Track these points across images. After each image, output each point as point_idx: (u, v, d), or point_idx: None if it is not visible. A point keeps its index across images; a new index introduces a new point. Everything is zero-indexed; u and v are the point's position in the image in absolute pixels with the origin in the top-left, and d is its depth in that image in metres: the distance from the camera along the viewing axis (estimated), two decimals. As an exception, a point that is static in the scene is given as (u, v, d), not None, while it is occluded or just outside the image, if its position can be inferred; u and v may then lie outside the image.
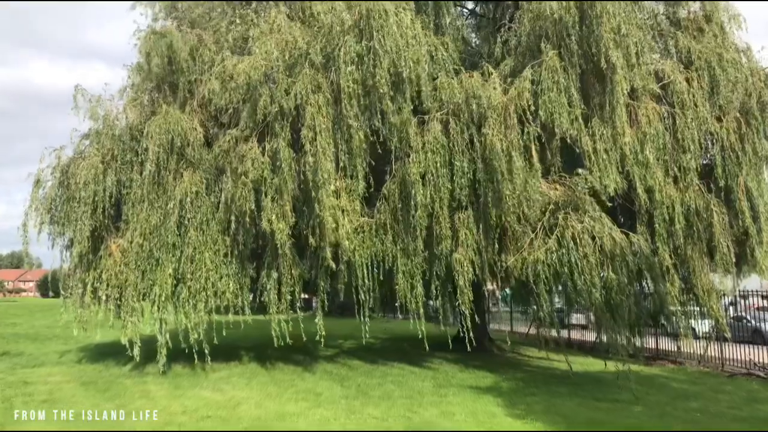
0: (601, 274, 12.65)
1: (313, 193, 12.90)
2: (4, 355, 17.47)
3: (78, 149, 15.25)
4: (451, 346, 14.26)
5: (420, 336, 13.54)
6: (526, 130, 13.07)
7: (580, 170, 13.28)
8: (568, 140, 12.97)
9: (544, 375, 14.93)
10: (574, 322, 26.16)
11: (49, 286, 62.20)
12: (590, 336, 22.32)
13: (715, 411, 11.11)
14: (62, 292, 15.59)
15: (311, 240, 13.31)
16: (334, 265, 13.31)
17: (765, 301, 18.16)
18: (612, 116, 13.35)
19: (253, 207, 13.48)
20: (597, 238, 12.72)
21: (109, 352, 17.31)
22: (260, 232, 14.31)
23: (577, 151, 13.58)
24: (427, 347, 13.77)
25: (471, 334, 13.30)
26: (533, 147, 13.06)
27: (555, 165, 13.64)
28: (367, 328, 13.69)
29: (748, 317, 19.24)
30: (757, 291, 16.81)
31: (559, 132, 12.77)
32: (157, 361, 14.04)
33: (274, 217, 13.17)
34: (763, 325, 18.15)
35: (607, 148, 13.33)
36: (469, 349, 13.32)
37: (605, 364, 12.50)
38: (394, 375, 14.59)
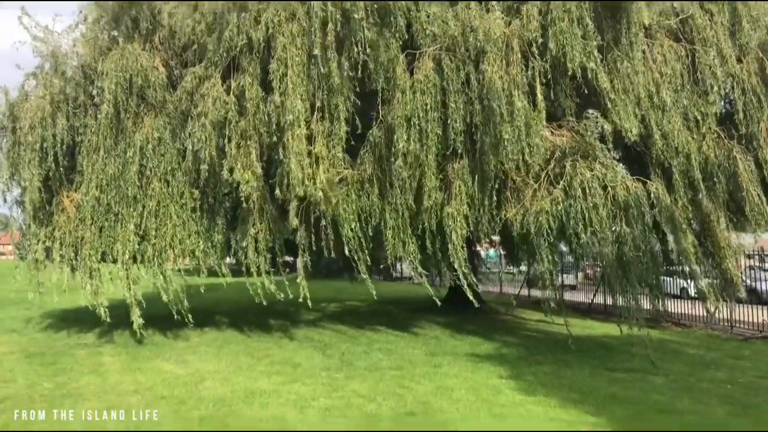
0: (613, 228, 10.78)
1: (275, 137, 10.88)
2: (-49, 322, 15.39)
3: (23, 89, 12.92)
4: (441, 308, 12.47)
5: (412, 296, 11.69)
6: (531, 65, 11.04)
7: (590, 111, 11.26)
8: (580, 78, 10.94)
9: (545, 340, 13.15)
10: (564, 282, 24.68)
11: (25, 248, 59.18)
12: (580, 297, 20.59)
13: (744, 381, 9.36)
14: (15, 251, 13.49)
15: (277, 192, 11.27)
16: (296, 223, 11.34)
17: (751, 261, 16.45)
18: (629, 52, 11.35)
19: (215, 154, 11.39)
20: (609, 187, 10.79)
21: (74, 318, 15.35)
22: (233, 183, 12.26)
23: (587, 91, 11.58)
24: (416, 310, 11.95)
25: (469, 293, 11.46)
26: (538, 85, 11.07)
27: (568, 107, 11.63)
28: (372, 289, 11.96)
29: (742, 277, 17.65)
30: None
31: (571, 67, 10.73)
32: (130, 326, 11.96)
33: (239, 165, 11.12)
34: (758, 284, 16.50)
35: (626, 87, 11.35)
36: (476, 305, 11.68)
37: (621, 330, 10.71)
38: (382, 341, 12.74)
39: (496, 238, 18.53)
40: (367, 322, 15.51)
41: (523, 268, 24.30)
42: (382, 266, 22.93)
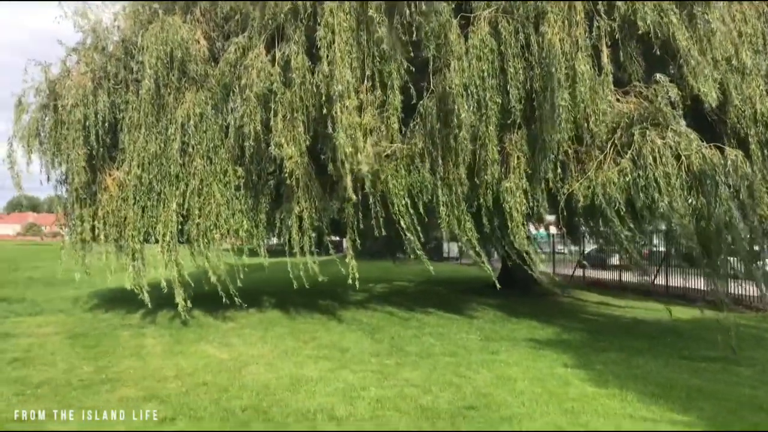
0: (689, 200, 9.70)
1: (324, 110, 10.13)
2: (2, 302, 15.22)
3: (64, 66, 12.46)
4: (493, 289, 11.62)
5: (460, 277, 10.84)
6: (596, 24, 9.98)
7: (659, 76, 10.14)
8: (654, 38, 9.82)
9: (608, 324, 12.14)
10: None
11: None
12: (636, 277, 19.30)
13: (842, 373, 8.25)
14: (61, 232, 13.16)
15: (329, 167, 10.58)
16: (355, 197, 10.56)
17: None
18: (706, 9, 10.15)
19: (260, 128, 10.72)
20: (683, 156, 9.71)
21: (121, 298, 14.94)
22: (278, 160, 11.60)
23: (658, 53, 10.45)
24: (466, 291, 11.12)
25: (540, 268, 10.71)
26: (604, 47, 10.00)
27: (635, 72, 10.55)
28: (429, 266, 11.33)
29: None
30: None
31: (643, 26, 9.63)
32: (175, 306, 11.54)
33: (284, 140, 10.45)
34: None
35: (703, 48, 10.17)
36: (555, 283, 10.72)
37: (702, 311, 9.66)
38: (432, 325, 11.95)
39: (550, 217, 17.53)
40: (416, 303, 14.76)
41: (575, 248, 23.32)
42: (428, 246, 22.14)
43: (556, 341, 10.27)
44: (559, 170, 10.52)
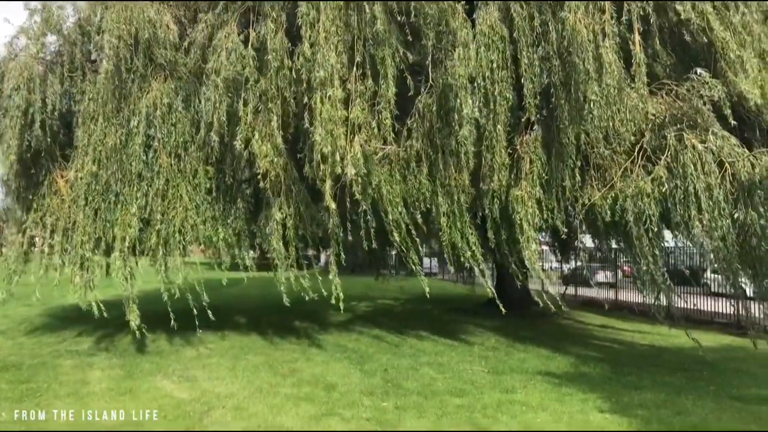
0: (735, 214, 8.12)
1: (305, 99, 8.37)
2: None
3: (11, 47, 10.48)
4: (486, 310, 9.92)
5: (447, 295, 9.10)
6: (626, 8, 8.40)
7: (699, 71, 8.59)
8: (692, 27, 8.30)
9: (626, 353, 10.40)
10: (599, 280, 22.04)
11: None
12: (624, 296, 18.01)
13: None
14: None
15: (306, 169, 8.79)
16: (334, 206, 8.74)
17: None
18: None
19: (224, 120, 8.89)
20: (727, 163, 8.12)
21: (76, 318, 12.79)
22: (253, 160, 9.76)
23: (693, 46, 8.96)
24: (457, 311, 9.46)
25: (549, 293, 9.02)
26: (636, 35, 8.40)
27: (666, 67, 9.01)
28: (425, 285, 9.76)
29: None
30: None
31: (683, 11, 8.07)
32: (129, 331, 9.58)
33: (257, 135, 8.61)
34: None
35: (742, 41, 8.65)
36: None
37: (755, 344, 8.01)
38: (429, 352, 10.10)
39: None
40: (406, 325, 12.90)
41: (556, 265, 21.96)
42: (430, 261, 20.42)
43: (575, 375, 8.51)
44: (577, 177, 8.89)
